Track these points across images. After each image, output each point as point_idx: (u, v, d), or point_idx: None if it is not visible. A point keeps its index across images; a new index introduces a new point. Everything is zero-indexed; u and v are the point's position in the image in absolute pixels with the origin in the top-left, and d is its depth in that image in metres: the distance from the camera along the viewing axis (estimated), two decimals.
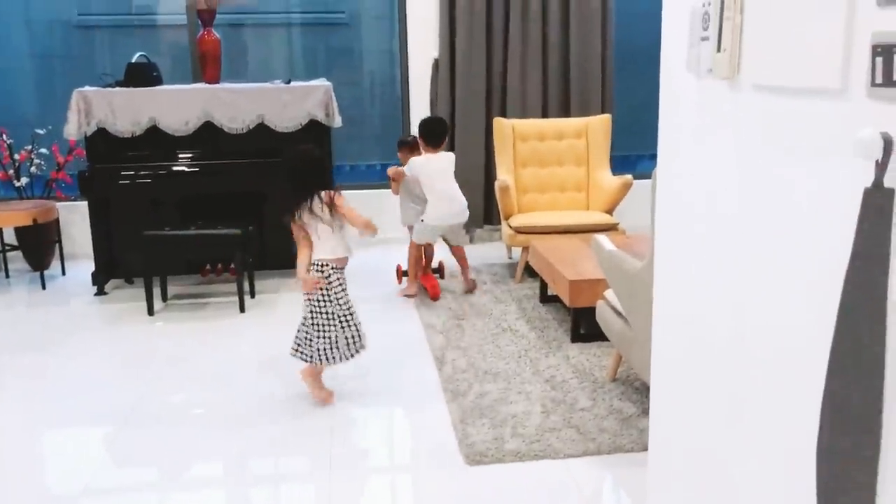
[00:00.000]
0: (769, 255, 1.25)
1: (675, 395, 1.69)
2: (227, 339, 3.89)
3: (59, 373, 3.49)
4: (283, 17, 6.73)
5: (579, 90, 5.60)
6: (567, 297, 3.64)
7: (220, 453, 2.74)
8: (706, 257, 1.48)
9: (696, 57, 1.46)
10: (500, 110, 5.56)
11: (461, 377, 3.28)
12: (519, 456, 2.62)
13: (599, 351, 3.53)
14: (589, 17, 5.52)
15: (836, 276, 1.03)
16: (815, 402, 1.09)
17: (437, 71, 5.54)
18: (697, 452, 1.58)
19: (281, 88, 4.67)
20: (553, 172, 5.17)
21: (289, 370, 3.45)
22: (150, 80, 4.68)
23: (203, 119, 4.59)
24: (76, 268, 5.21)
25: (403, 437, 2.87)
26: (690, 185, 1.54)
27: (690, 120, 1.52)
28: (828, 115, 1.08)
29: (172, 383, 3.35)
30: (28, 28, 6.31)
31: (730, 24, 1.31)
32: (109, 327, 4.12)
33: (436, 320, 4.02)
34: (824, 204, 1.10)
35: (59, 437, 2.92)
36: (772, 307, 1.25)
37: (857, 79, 1.01)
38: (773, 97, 1.21)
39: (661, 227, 1.72)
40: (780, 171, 1.21)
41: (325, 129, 4.74)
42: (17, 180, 5.19)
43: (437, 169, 4.35)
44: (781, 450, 1.25)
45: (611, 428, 2.79)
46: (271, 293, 4.64)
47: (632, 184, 4.89)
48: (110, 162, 4.59)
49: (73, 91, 4.51)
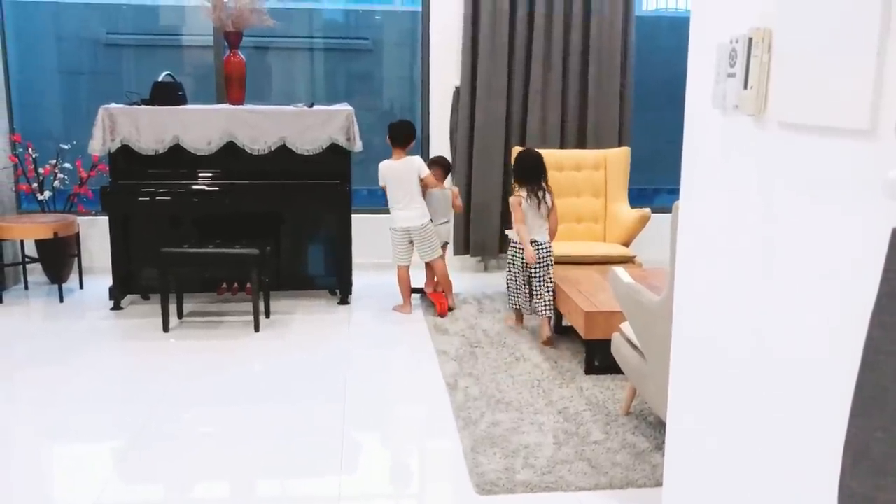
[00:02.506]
0: (792, 294, 1.24)
1: (691, 431, 1.67)
2: (241, 358, 3.90)
3: (72, 386, 3.51)
4: (308, 41, 6.83)
5: (597, 123, 5.62)
6: (582, 329, 3.62)
7: (229, 473, 2.73)
8: (727, 294, 1.48)
9: (722, 93, 1.46)
10: (520, 140, 5.59)
11: (473, 405, 3.26)
12: (530, 487, 2.59)
13: (613, 384, 3.50)
14: (609, 51, 5.56)
15: (862, 316, 1.02)
16: (837, 442, 1.08)
17: (458, 99, 5.58)
18: (714, 491, 1.56)
19: (304, 112, 4.72)
20: (571, 203, 5.18)
21: (299, 391, 3.45)
22: (175, 99, 4.75)
23: (226, 139, 4.64)
24: (94, 282, 5.26)
25: (413, 465, 2.85)
26: (713, 220, 1.54)
27: (714, 155, 1.53)
28: (855, 155, 1.08)
29: (184, 400, 3.35)
30: (58, 44, 6.42)
31: (757, 62, 1.32)
32: (124, 342, 4.13)
33: (449, 347, 4.01)
34: (850, 243, 1.09)
35: (70, 450, 2.92)
36: (794, 347, 1.24)
37: (886, 119, 1.01)
38: (800, 135, 1.21)
39: (682, 261, 1.72)
40: (804, 210, 1.21)
41: (346, 153, 4.79)
42: (41, 193, 5.26)
43: (397, 175, 4.54)
44: (801, 491, 1.23)
45: (623, 462, 2.76)
46: (286, 314, 4.65)
47: (650, 217, 4.89)
48: (132, 178, 4.65)
49: (100, 108, 4.58)
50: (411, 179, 4.53)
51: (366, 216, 5.63)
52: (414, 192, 4.54)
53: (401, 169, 4.55)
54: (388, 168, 4.58)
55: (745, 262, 1.40)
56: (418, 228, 4.58)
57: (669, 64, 6.06)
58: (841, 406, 1.11)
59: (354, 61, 7.02)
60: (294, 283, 5.01)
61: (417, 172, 4.54)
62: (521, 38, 5.50)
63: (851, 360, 1.06)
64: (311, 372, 3.70)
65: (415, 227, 4.57)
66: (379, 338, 4.24)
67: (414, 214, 4.55)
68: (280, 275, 4.92)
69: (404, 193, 4.54)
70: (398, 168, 4.56)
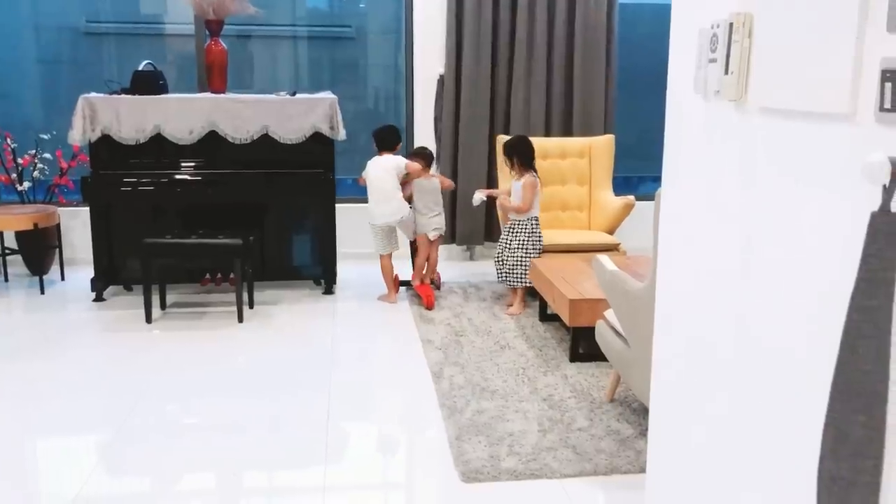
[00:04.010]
0: (773, 279, 1.25)
1: (674, 417, 1.68)
2: (225, 348, 3.88)
3: (54, 378, 3.48)
4: (290, 29, 6.77)
5: (582, 110, 5.62)
6: (567, 316, 3.63)
7: (214, 464, 2.72)
8: (709, 279, 1.48)
9: (703, 78, 1.46)
10: (504, 128, 5.58)
11: (458, 394, 3.27)
12: (515, 475, 2.60)
13: (598, 371, 3.51)
14: (593, 38, 5.55)
15: (841, 300, 1.02)
16: (816, 426, 1.08)
17: (443, 87, 5.56)
18: (697, 476, 1.56)
19: (286, 100, 4.68)
20: (555, 191, 5.18)
21: (284, 381, 3.43)
22: (156, 88, 4.69)
23: (208, 128, 4.60)
24: (75, 274, 5.21)
25: (399, 454, 2.85)
26: (695, 206, 1.54)
27: (696, 141, 1.52)
28: (835, 140, 1.08)
29: (168, 392, 3.33)
30: (36, 33, 6.33)
31: (738, 47, 1.31)
32: (106, 334, 4.10)
33: (434, 336, 4.01)
34: (830, 228, 1.10)
35: (52, 443, 2.90)
36: (775, 331, 1.24)
37: (865, 103, 1.01)
38: (781, 120, 1.21)
39: (664, 248, 1.72)
40: (785, 194, 1.21)
41: (329, 142, 4.76)
42: (20, 184, 5.20)
43: (377, 172, 4.60)
44: (782, 476, 1.24)
45: (608, 449, 2.77)
46: (270, 304, 4.63)
47: (633, 205, 4.90)
48: (113, 168, 4.60)
49: (79, 97, 4.52)
50: (390, 176, 4.58)
51: (350, 206, 5.60)
52: (391, 188, 4.58)
53: (383, 165, 4.61)
54: (373, 163, 4.66)
55: (727, 248, 1.40)
56: (398, 221, 4.63)
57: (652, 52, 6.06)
58: (821, 391, 1.12)
59: (337, 49, 6.97)
60: (278, 274, 4.98)
61: (396, 169, 4.59)
62: (506, 26, 5.48)
63: (832, 345, 1.06)
64: (296, 362, 3.68)
65: (394, 221, 4.62)
66: (364, 327, 4.23)
67: (390, 209, 4.59)
68: (264, 265, 4.90)
69: (382, 187, 4.58)
70: (381, 163, 4.62)
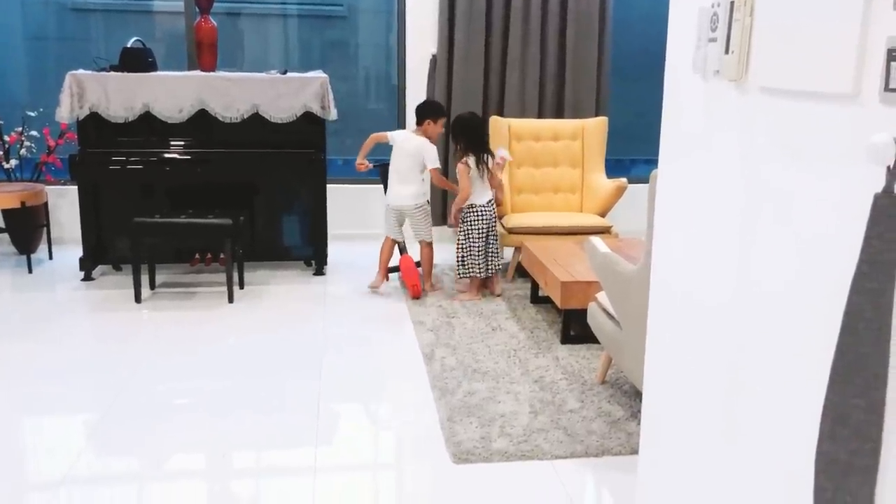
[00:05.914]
0: (772, 260, 1.23)
1: (667, 399, 1.68)
2: (215, 329, 3.86)
3: (42, 358, 3.45)
4: (281, 7, 6.69)
5: (574, 92, 5.59)
6: (558, 299, 3.62)
7: (203, 444, 2.71)
8: (706, 261, 1.47)
9: (702, 58, 1.44)
10: (497, 109, 5.54)
11: (450, 375, 3.26)
12: (506, 456, 2.60)
13: (589, 353, 3.52)
14: (587, 19, 5.52)
15: (842, 282, 1.01)
16: (814, 409, 1.07)
17: (435, 67, 5.51)
18: (690, 458, 1.56)
19: (277, 79, 4.64)
20: (548, 173, 5.16)
21: (275, 362, 3.42)
22: (144, 65, 4.63)
23: (197, 107, 4.55)
24: (63, 252, 5.16)
25: (390, 434, 2.84)
26: (693, 188, 1.53)
27: (695, 122, 1.51)
28: (839, 120, 1.06)
29: (157, 372, 3.31)
30: (22, 9, 6.24)
31: (739, 26, 1.29)
32: (95, 314, 4.07)
33: (425, 317, 4.00)
34: (832, 210, 1.08)
35: (40, 423, 2.88)
36: (773, 312, 1.24)
37: (870, 83, 1.00)
38: (783, 100, 1.20)
39: (659, 230, 1.71)
40: (786, 175, 1.19)
41: (320, 121, 4.72)
42: (7, 162, 5.13)
43: (400, 151, 4.41)
44: (778, 458, 1.24)
45: (599, 430, 2.78)
46: (260, 284, 4.60)
47: (626, 187, 4.89)
48: (102, 147, 4.55)
49: (67, 74, 4.46)
50: (415, 160, 4.37)
51: (341, 186, 5.58)
52: (409, 170, 4.38)
53: (407, 145, 4.38)
54: (401, 135, 4.46)
55: (725, 230, 1.39)
56: (411, 208, 4.43)
57: (645, 34, 6.03)
58: (819, 374, 1.11)
59: (329, 28, 6.91)
60: (269, 254, 4.95)
61: (418, 156, 4.36)
62: (499, 5, 5.43)
63: (832, 326, 1.05)
64: (286, 343, 3.67)
65: (408, 206, 4.43)
66: (355, 308, 4.22)
67: (408, 192, 4.40)
68: (254, 245, 4.87)
69: (400, 168, 4.39)
70: (405, 145, 4.39)
